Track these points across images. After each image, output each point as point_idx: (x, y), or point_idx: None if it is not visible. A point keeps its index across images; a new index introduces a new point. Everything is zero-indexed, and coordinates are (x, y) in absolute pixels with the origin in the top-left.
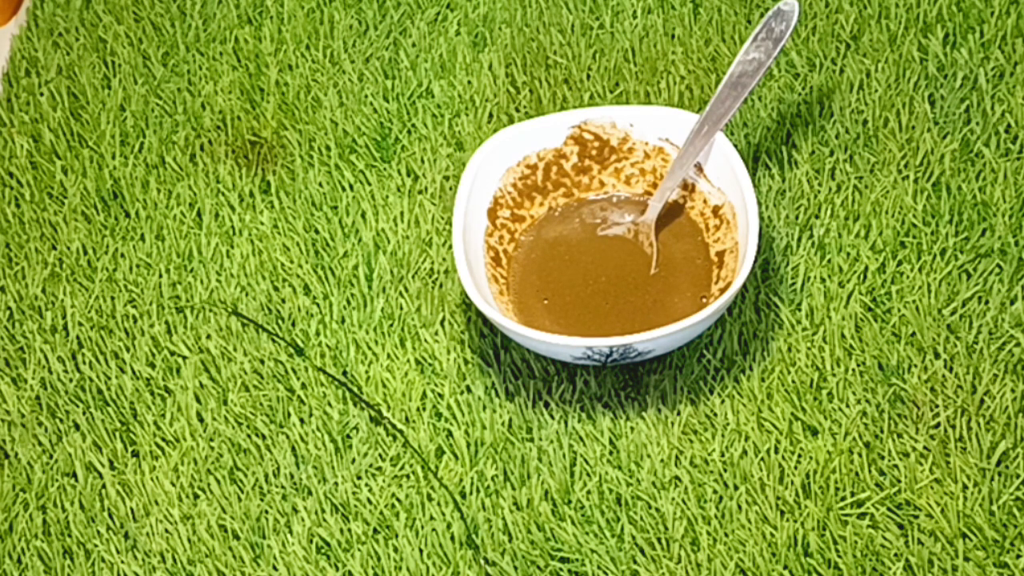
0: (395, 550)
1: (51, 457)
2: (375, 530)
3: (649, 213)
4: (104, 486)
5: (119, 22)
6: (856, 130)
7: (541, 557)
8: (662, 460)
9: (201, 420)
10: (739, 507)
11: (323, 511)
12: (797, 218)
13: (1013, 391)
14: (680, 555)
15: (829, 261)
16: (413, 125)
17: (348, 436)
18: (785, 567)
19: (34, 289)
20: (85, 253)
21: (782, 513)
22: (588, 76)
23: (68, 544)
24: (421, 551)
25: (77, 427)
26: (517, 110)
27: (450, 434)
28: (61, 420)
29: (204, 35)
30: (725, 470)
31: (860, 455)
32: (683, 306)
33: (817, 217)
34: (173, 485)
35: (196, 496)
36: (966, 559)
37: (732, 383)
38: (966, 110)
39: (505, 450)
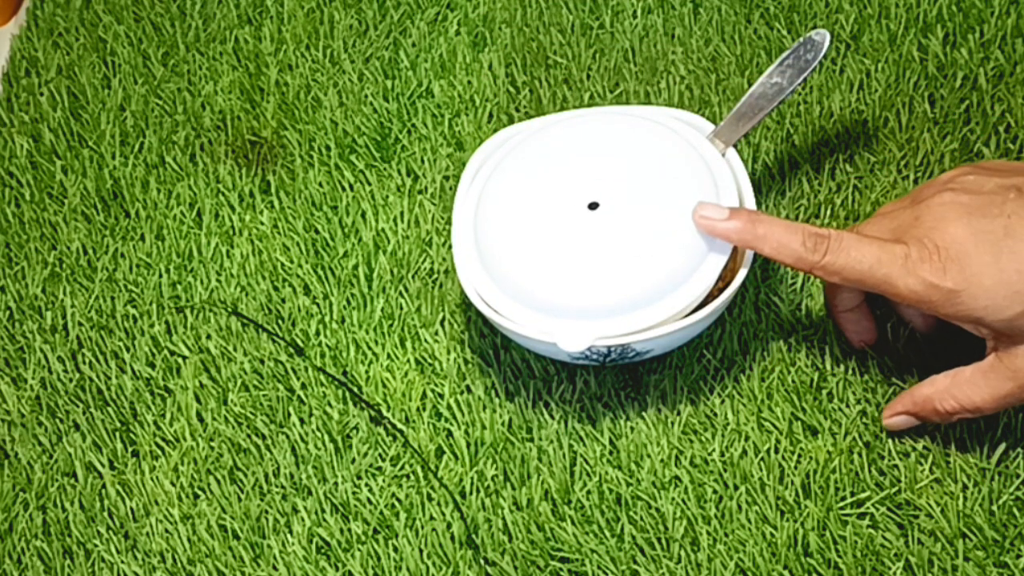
0: (395, 550)
1: (51, 457)
2: (375, 530)
3: None
4: (104, 486)
5: (119, 22)
6: (856, 130)
7: (541, 557)
8: (662, 460)
9: (201, 420)
10: (739, 507)
11: (323, 511)
12: (797, 218)
13: None
14: (680, 555)
15: None
16: (413, 125)
17: (348, 436)
18: (785, 567)
19: (34, 289)
20: (85, 253)
21: (782, 513)
22: (588, 76)
23: (68, 544)
24: (421, 551)
25: (77, 427)
26: (517, 110)
27: (450, 434)
28: (61, 420)
29: (204, 35)
30: (725, 470)
31: (860, 455)
32: None
33: (817, 217)
34: (173, 485)
35: (196, 496)
36: (966, 559)
37: (732, 383)
38: (966, 110)
39: (505, 450)
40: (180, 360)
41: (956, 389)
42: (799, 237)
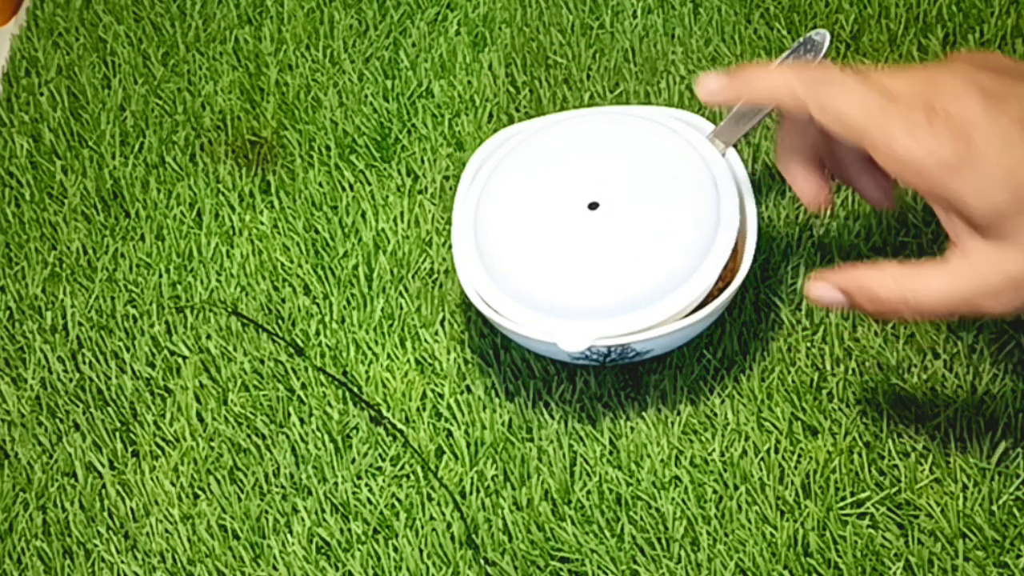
0: (395, 550)
1: (51, 457)
2: (375, 530)
3: None
4: (104, 486)
5: (119, 22)
6: None
7: (541, 557)
8: (662, 460)
9: (201, 420)
10: (739, 507)
11: (323, 511)
12: (797, 218)
13: (1013, 391)
14: (680, 555)
15: (829, 261)
16: (413, 125)
17: (348, 436)
18: (785, 567)
19: (34, 289)
20: (85, 253)
21: (782, 513)
22: (588, 76)
23: (68, 544)
24: (421, 551)
25: (77, 427)
26: (517, 110)
27: (450, 434)
28: (61, 420)
29: (204, 35)
30: (725, 470)
31: (860, 455)
32: None
33: (817, 217)
34: (173, 485)
35: (196, 496)
36: (966, 559)
37: (732, 383)
38: None
39: (505, 450)
40: (180, 360)
41: (905, 278)
42: (794, 72)
